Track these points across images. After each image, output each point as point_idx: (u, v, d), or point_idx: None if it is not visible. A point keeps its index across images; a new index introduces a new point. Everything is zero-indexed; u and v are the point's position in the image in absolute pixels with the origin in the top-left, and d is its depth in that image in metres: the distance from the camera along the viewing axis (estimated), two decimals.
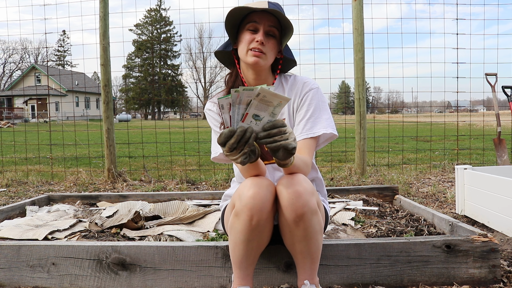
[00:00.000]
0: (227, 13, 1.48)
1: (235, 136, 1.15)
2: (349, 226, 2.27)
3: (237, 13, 1.50)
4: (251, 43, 1.48)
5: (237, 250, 1.38)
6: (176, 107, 43.56)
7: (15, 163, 5.73)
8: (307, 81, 1.60)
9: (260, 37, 1.47)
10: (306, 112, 1.54)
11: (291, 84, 1.61)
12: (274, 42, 1.51)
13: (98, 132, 6.55)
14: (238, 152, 1.17)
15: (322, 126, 1.52)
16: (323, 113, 1.55)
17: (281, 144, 1.17)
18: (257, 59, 1.48)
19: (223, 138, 1.16)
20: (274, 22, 1.50)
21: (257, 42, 1.47)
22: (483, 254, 1.63)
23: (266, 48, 1.49)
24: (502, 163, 4.34)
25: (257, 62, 1.48)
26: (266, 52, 1.49)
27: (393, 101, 33.08)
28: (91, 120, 20.23)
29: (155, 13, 50.19)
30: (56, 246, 1.71)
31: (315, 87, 1.58)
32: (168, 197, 3.02)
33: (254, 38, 1.48)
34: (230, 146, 1.16)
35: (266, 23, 1.49)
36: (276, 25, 1.51)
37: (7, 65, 49.69)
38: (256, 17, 1.49)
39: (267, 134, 1.17)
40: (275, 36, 1.51)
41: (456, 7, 4.76)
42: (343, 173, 4.39)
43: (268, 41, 1.49)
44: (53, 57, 54.03)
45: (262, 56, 1.48)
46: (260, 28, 1.48)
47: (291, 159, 1.27)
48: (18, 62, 50.60)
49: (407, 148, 7.37)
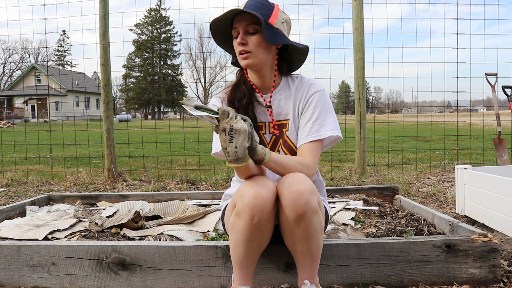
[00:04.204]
0: (210, 29, 1.50)
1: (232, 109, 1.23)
2: (349, 226, 2.27)
3: (219, 26, 1.51)
4: (237, 47, 1.49)
5: (237, 250, 1.38)
6: (176, 107, 43.56)
7: (15, 163, 5.73)
8: (313, 83, 1.60)
9: (239, 39, 1.47)
10: (312, 114, 1.54)
11: (297, 85, 1.60)
12: (259, 37, 1.48)
13: (98, 132, 6.55)
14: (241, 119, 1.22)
15: (328, 128, 1.52)
16: (329, 116, 1.55)
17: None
18: (246, 61, 1.48)
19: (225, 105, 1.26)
20: (251, 19, 1.47)
21: (239, 45, 1.48)
22: (483, 254, 1.63)
23: (250, 46, 1.47)
24: (502, 163, 4.34)
25: (247, 64, 1.49)
26: (252, 50, 1.47)
27: (393, 101, 33.09)
28: (91, 120, 20.24)
29: (155, 13, 50.18)
30: (56, 246, 1.71)
31: (321, 89, 1.58)
32: (168, 197, 3.02)
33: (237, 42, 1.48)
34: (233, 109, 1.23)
35: (242, 23, 1.47)
36: (256, 21, 1.47)
37: (7, 65, 49.74)
38: (235, 23, 1.49)
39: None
40: (257, 31, 1.48)
41: (456, 7, 4.76)
42: (343, 173, 4.39)
43: (250, 39, 1.47)
44: (53, 57, 54.04)
45: (249, 56, 1.48)
46: (240, 30, 1.48)
47: (259, 155, 1.31)
48: (18, 62, 50.64)
49: (407, 148, 7.37)
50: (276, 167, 1.38)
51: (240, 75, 1.63)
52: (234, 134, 1.20)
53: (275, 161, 1.36)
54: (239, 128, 1.20)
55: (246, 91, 1.57)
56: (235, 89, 1.60)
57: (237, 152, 1.23)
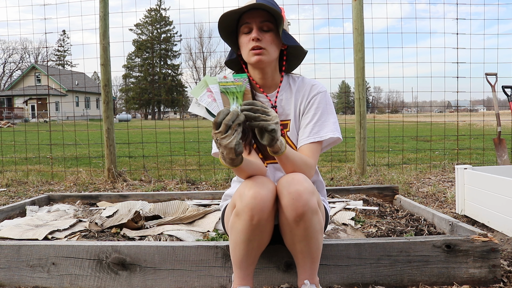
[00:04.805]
0: (218, 23, 1.49)
1: (231, 114, 1.19)
2: (349, 226, 2.27)
3: (227, 20, 1.50)
4: (249, 43, 1.49)
5: (237, 250, 1.38)
6: (176, 107, 43.57)
7: (15, 163, 5.73)
8: (315, 84, 1.60)
9: (254, 35, 1.47)
10: (314, 115, 1.54)
11: (299, 85, 1.61)
12: (272, 35, 1.50)
13: (98, 132, 6.54)
14: (233, 133, 1.19)
15: (329, 129, 1.52)
16: (330, 117, 1.55)
17: (260, 124, 1.21)
18: (258, 57, 1.48)
19: (222, 115, 1.19)
20: (265, 17, 1.48)
21: (253, 41, 1.47)
22: (483, 254, 1.63)
23: (264, 42, 1.48)
24: (502, 163, 4.34)
25: (259, 60, 1.48)
26: (266, 47, 1.48)
27: (393, 101, 33.08)
28: (91, 120, 20.23)
29: (155, 13, 50.21)
30: (56, 246, 1.71)
31: (323, 91, 1.58)
32: (168, 197, 3.02)
33: (250, 38, 1.48)
34: (227, 123, 1.18)
35: (257, 20, 1.48)
36: (269, 19, 1.49)
37: (7, 65, 49.74)
38: (247, 18, 1.49)
39: (250, 108, 1.22)
40: (270, 29, 1.50)
41: (456, 7, 4.76)
42: (343, 173, 4.39)
43: (264, 36, 1.48)
44: (53, 57, 54.06)
45: (263, 52, 1.48)
46: (253, 26, 1.48)
47: (279, 146, 1.29)
48: (18, 62, 50.66)
49: (407, 148, 7.37)
50: (286, 163, 1.38)
51: None
52: (219, 147, 1.22)
53: (288, 156, 1.36)
54: (223, 145, 1.20)
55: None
56: None
57: (224, 157, 1.25)
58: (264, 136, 1.25)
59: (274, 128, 1.22)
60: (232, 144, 1.19)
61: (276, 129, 1.23)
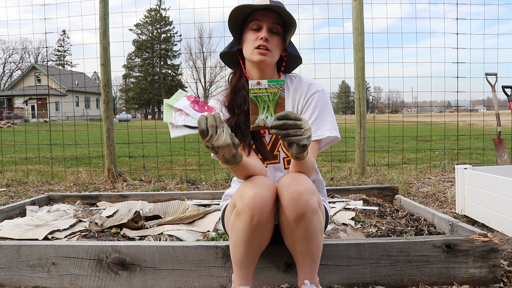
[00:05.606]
0: (230, 13, 1.49)
1: (210, 116, 1.18)
2: (349, 226, 2.27)
3: (240, 12, 1.50)
4: (256, 41, 1.49)
5: (237, 250, 1.38)
6: None
7: (15, 163, 5.73)
8: (313, 83, 1.60)
9: (264, 34, 1.47)
10: (312, 114, 1.54)
11: (296, 85, 1.61)
12: (278, 39, 1.52)
13: (98, 132, 6.54)
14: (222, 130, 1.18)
15: (327, 128, 1.52)
16: (328, 116, 1.55)
17: (291, 140, 1.18)
18: (262, 57, 1.48)
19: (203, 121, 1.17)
20: (276, 19, 1.50)
21: (261, 40, 1.47)
22: (483, 254, 1.63)
23: (271, 45, 1.49)
24: (502, 163, 4.34)
25: (263, 60, 1.49)
26: (271, 49, 1.49)
27: (393, 101, 33.05)
28: (91, 120, 20.22)
29: (155, 13, 50.18)
30: (56, 246, 1.71)
31: (321, 90, 1.59)
32: (168, 197, 3.02)
33: (258, 36, 1.49)
34: (212, 124, 1.17)
35: (269, 20, 1.49)
36: (279, 22, 1.51)
37: (7, 65, 49.72)
38: (259, 15, 1.50)
39: (282, 124, 1.16)
40: (278, 33, 1.52)
41: (456, 7, 4.76)
42: (343, 173, 4.39)
43: (272, 38, 1.50)
44: (53, 57, 54.03)
45: (267, 54, 1.49)
46: (263, 25, 1.49)
47: (304, 154, 1.28)
48: (18, 62, 50.63)
49: (407, 148, 7.37)
50: (301, 165, 1.37)
51: (236, 80, 1.61)
52: (218, 149, 1.21)
53: (306, 160, 1.35)
54: (220, 145, 1.19)
55: (246, 96, 1.57)
56: (234, 94, 1.59)
57: (225, 158, 1.25)
58: (293, 147, 1.22)
59: (305, 143, 1.19)
60: (228, 140, 1.18)
61: (308, 144, 1.20)
